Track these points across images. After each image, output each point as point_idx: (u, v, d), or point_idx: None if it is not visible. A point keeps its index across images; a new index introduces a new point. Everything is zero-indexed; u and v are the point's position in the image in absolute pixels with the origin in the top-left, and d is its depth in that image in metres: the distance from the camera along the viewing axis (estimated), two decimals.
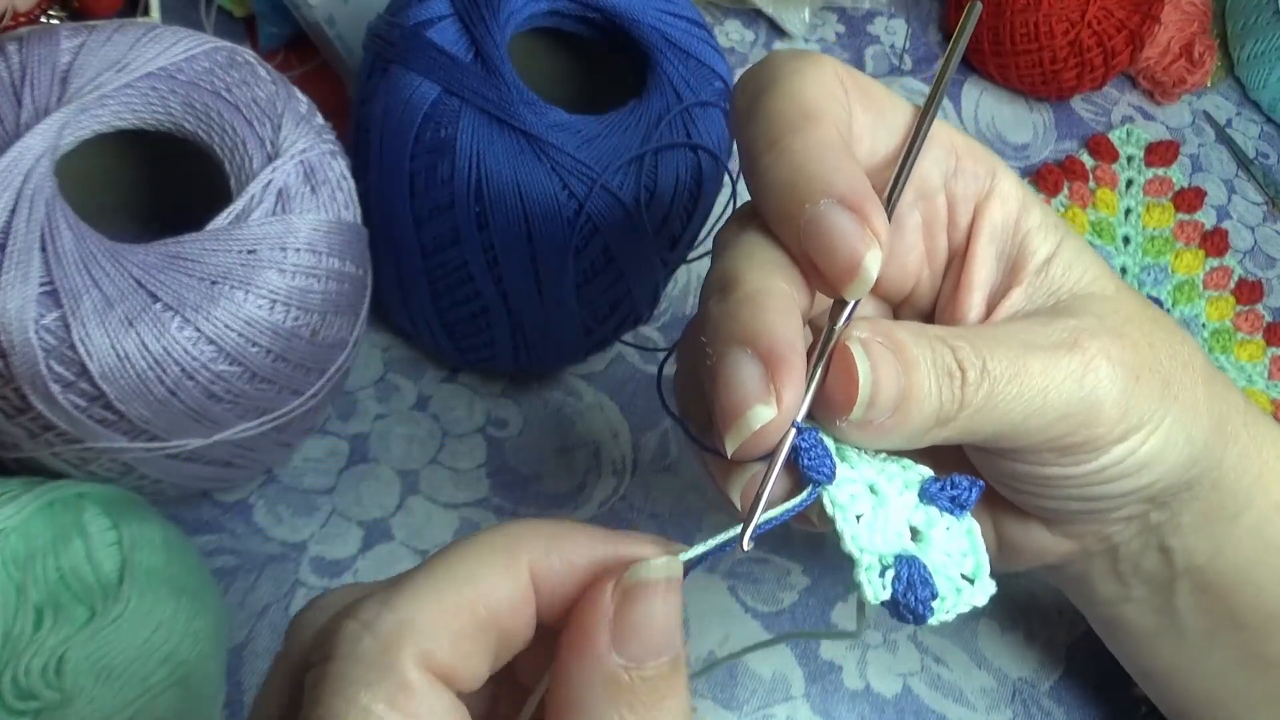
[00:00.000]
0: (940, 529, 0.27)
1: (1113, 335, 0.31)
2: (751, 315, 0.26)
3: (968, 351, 0.29)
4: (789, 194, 0.27)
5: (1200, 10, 0.73)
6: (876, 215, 0.27)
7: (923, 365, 0.28)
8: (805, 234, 0.27)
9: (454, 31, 0.43)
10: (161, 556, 0.38)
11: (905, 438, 0.28)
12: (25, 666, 0.34)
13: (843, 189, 0.26)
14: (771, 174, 0.27)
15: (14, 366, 0.35)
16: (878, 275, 0.27)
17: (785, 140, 0.27)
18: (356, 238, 0.42)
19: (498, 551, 0.23)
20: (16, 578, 0.36)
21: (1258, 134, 0.74)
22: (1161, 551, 0.37)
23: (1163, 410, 0.32)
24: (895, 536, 0.27)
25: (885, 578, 0.26)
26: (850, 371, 0.27)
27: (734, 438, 0.25)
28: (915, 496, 0.28)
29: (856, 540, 0.26)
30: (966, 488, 0.28)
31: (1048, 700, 0.50)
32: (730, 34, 0.68)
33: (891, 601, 0.26)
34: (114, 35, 0.40)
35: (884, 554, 0.26)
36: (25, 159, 0.36)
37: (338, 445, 0.50)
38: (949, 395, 0.28)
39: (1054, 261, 0.32)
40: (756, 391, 0.25)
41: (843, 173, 0.27)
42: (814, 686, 0.48)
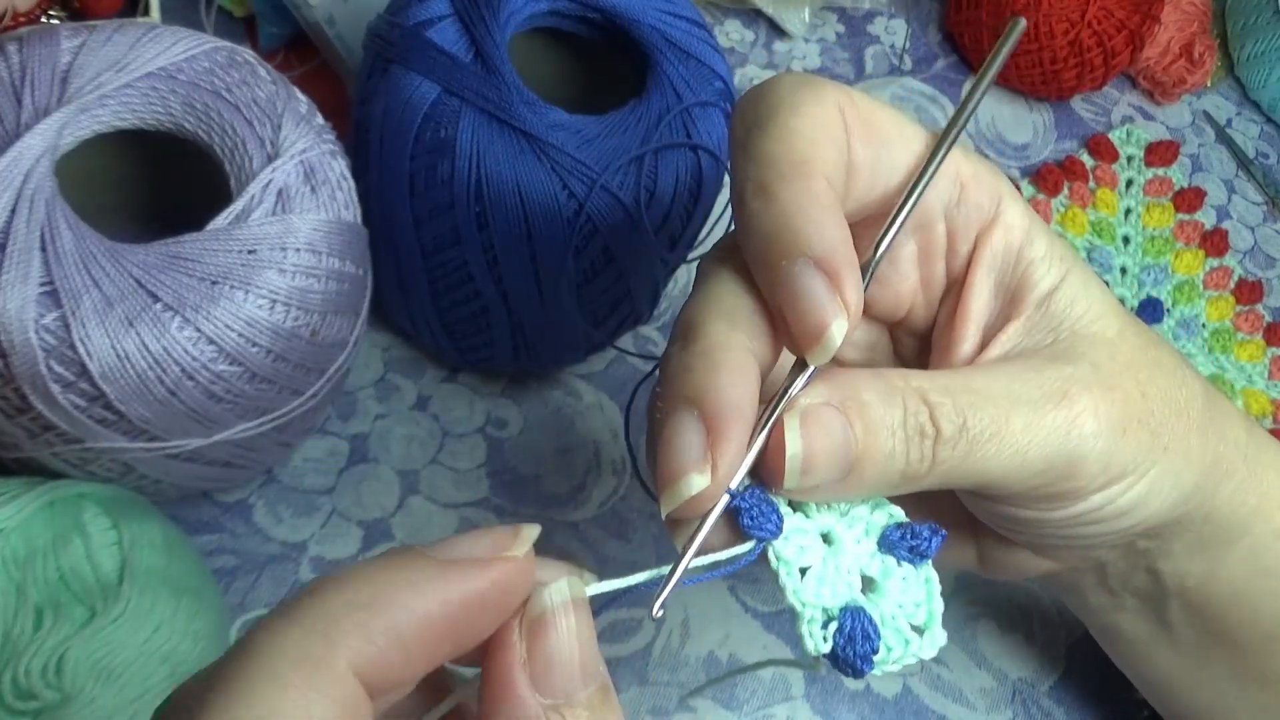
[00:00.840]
0: (896, 579, 0.27)
1: (1104, 388, 0.30)
2: (704, 373, 0.26)
3: (948, 409, 0.28)
4: (769, 246, 0.27)
5: (1200, 10, 0.73)
6: (850, 282, 0.26)
7: (884, 429, 0.27)
8: (779, 291, 0.27)
9: (454, 31, 0.43)
10: (161, 556, 0.38)
11: (866, 493, 0.28)
12: (25, 666, 0.34)
13: (820, 251, 0.26)
14: (756, 221, 0.27)
15: (14, 366, 0.35)
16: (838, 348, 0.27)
17: (774, 188, 0.27)
18: (356, 238, 0.42)
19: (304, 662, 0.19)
20: (16, 578, 0.36)
21: (1258, 134, 0.74)
22: (1150, 572, 0.37)
23: (1148, 461, 0.31)
24: (845, 587, 0.27)
25: (828, 630, 0.26)
26: (778, 446, 0.26)
27: (668, 502, 0.26)
28: (874, 544, 0.28)
29: (798, 595, 0.26)
30: (927, 538, 0.28)
31: (1048, 700, 0.50)
32: (730, 34, 0.68)
33: (831, 654, 0.26)
34: (114, 35, 0.40)
35: (829, 606, 0.26)
36: (25, 159, 0.36)
37: (338, 445, 0.50)
38: (917, 455, 0.28)
39: (1057, 295, 0.31)
40: (693, 459, 0.25)
41: (824, 233, 0.27)
42: (814, 687, 0.48)
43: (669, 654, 0.48)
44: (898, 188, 0.30)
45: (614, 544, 0.50)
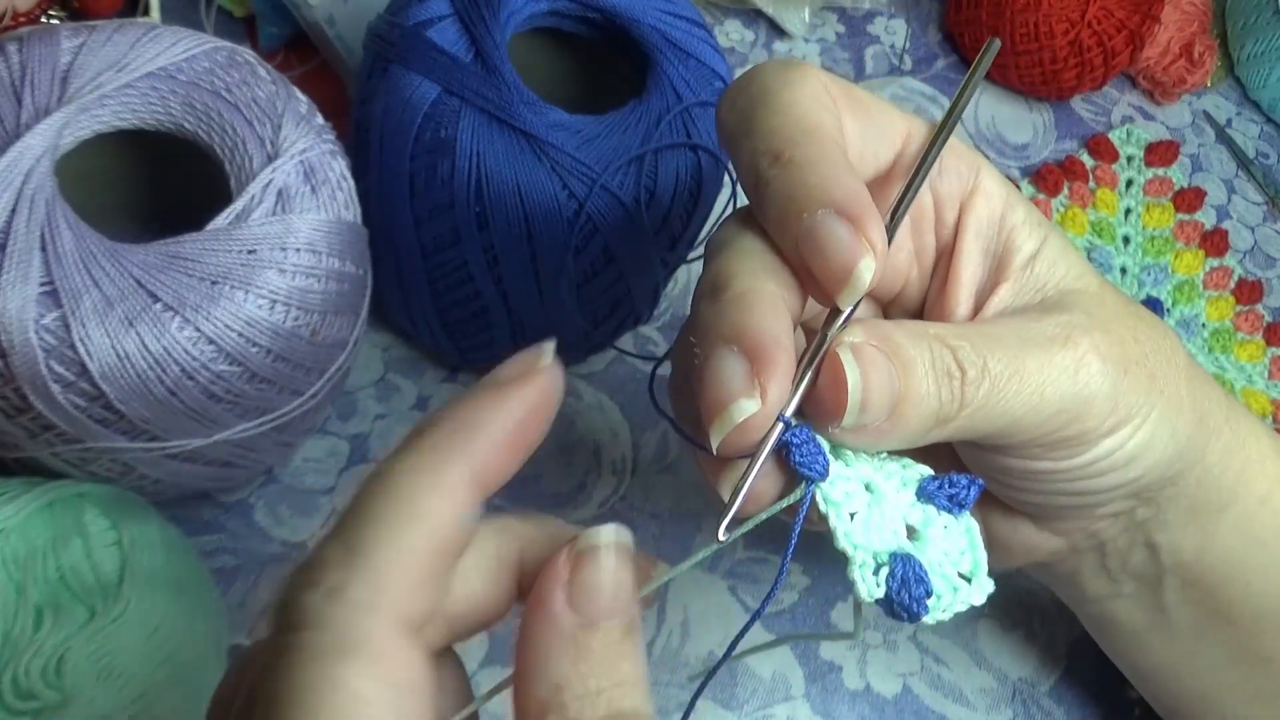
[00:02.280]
0: (938, 527, 0.27)
1: (1102, 330, 0.31)
2: (739, 314, 0.26)
3: (968, 351, 0.29)
4: (789, 204, 0.27)
5: (1200, 10, 0.73)
6: (873, 225, 0.27)
7: (920, 367, 0.28)
8: (802, 242, 0.27)
9: (454, 31, 0.43)
10: (161, 556, 0.38)
11: (903, 438, 0.28)
12: (25, 666, 0.34)
13: (841, 199, 0.27)
14: (774, 186, 0.28)
15: (14, 366, 0.35)
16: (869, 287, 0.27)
17: (788, 153, 0.28)
18: (356, 238, 0.42)
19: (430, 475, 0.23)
20: (16, 578, 0.36)
21: (1258, 134, 0.74)
22: (1148, 547, 0.37)
23: (1149, 404, 0.32)
24: (891, 534, 0.27)
25: (879, 575, 0.26)
26: (839, 378, 0.27)
27: (718, 431, 0.26)
28: (913, 495, 0.28)
29: (850, 537, 0.26)
30: (965, 486, 0.28)
31: (1048, 700, 0.50)
32: (730, 34, 0.68)
33: (885, 599, 0.26)
34: (114, 35, 0.40)
35: (878, 551, 0.26)
36: (25, 159, 0.36)
37: (338, 445, 0.50)
38: (948, 395, 0.28)
39: (1039, 258, 0.33)
40: (740, 386, 0.25)
41: (842, 184, 0.27)
42: (814, 686, 0.48)
43: (669, 654, 0.48)
44: (888, 162, 0.32)
45: None
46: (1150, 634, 0.40)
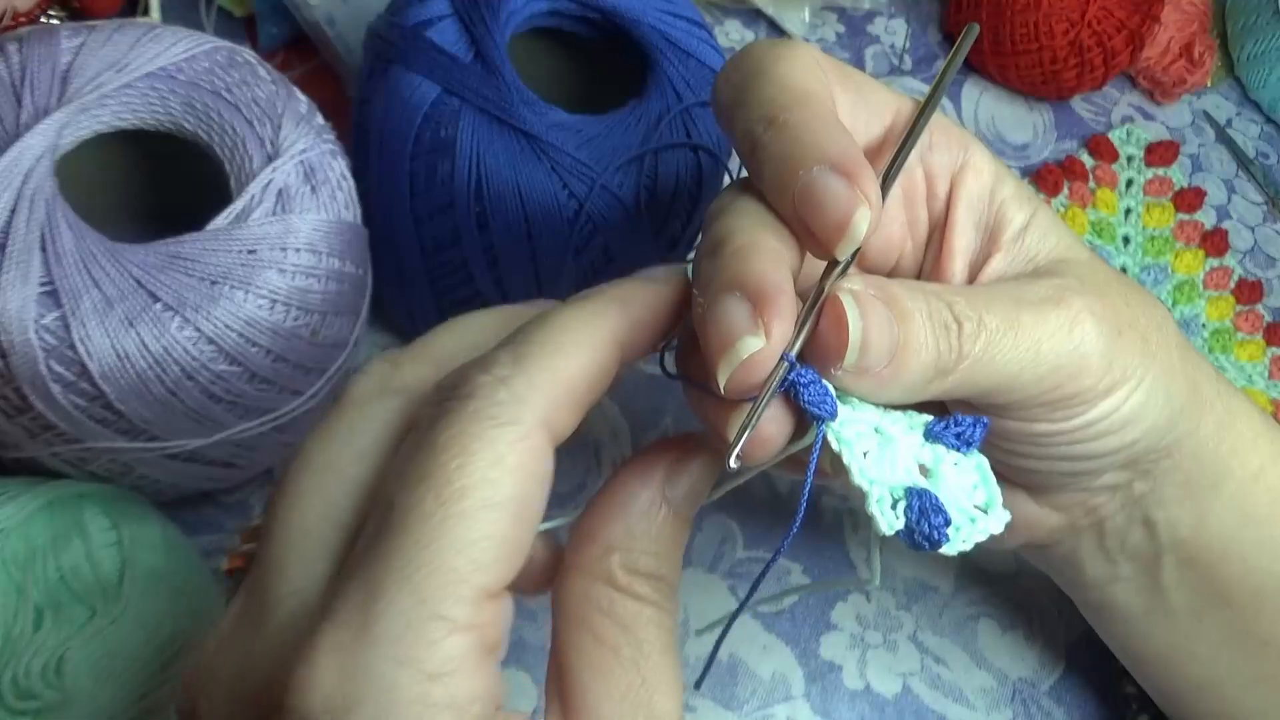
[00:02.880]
0: (949, 465, 0.28)
1: (1094, 294, 0.32)
2: (740, 263, 0.27)
3: (963, 305, 0.30)
4: (784, 163, 0.28)
5: (1200, 10, 0.73)
6: (867, 178, 0.28)
7: (918, 317, 0.29)
8: (799, 197, 0.28)
9: (454, 31, 0.43)
10: (161, 556, 0.38)
11: (904, 389, 0.29)
12: (25, 666, 0.34)
13: (835, 155, 0.28)
14: (770, 149, 0.29)
15: (14, 366, 0.35)
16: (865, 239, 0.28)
17: (782, 117, 0.29)
18: (356, 238, 0.42)
19: (593, 320, 0.26)
20: (16, 578, 0.36)
21: (1258, 134, 0.74)
22: (1146, 525, 0.38)
23: (1143, 367, 0.33)
24: (904, 472, 0.27)
25: (897, 509, 0.26)
26: (840, 318, 0.28)
27: (724, 368, 0.26)
28: (920, 437, 0.28)
29: (865, 472, 0.27)
30: (971, 424, 0.28)
31: (1048, 700, 0.50)
32: (730, 34, 0.68)
33: (905, 530, 0.26)
34: (114, 35, 0.40)
35: (894, 486, 0.27)
36: (25, 159, 0.36)
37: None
38: (946, 346, 0.29)
39: (1030, 229, 0.33)
40: (745, 325, 0.26)
41: (836, 141, 0.28)
42: (814, 686, 0.48)
43: None
44: (878, 136, 0.33)
45: None
46: (1149, 619, 0.40)
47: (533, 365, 0.25)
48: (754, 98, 0.30)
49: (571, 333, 0.26)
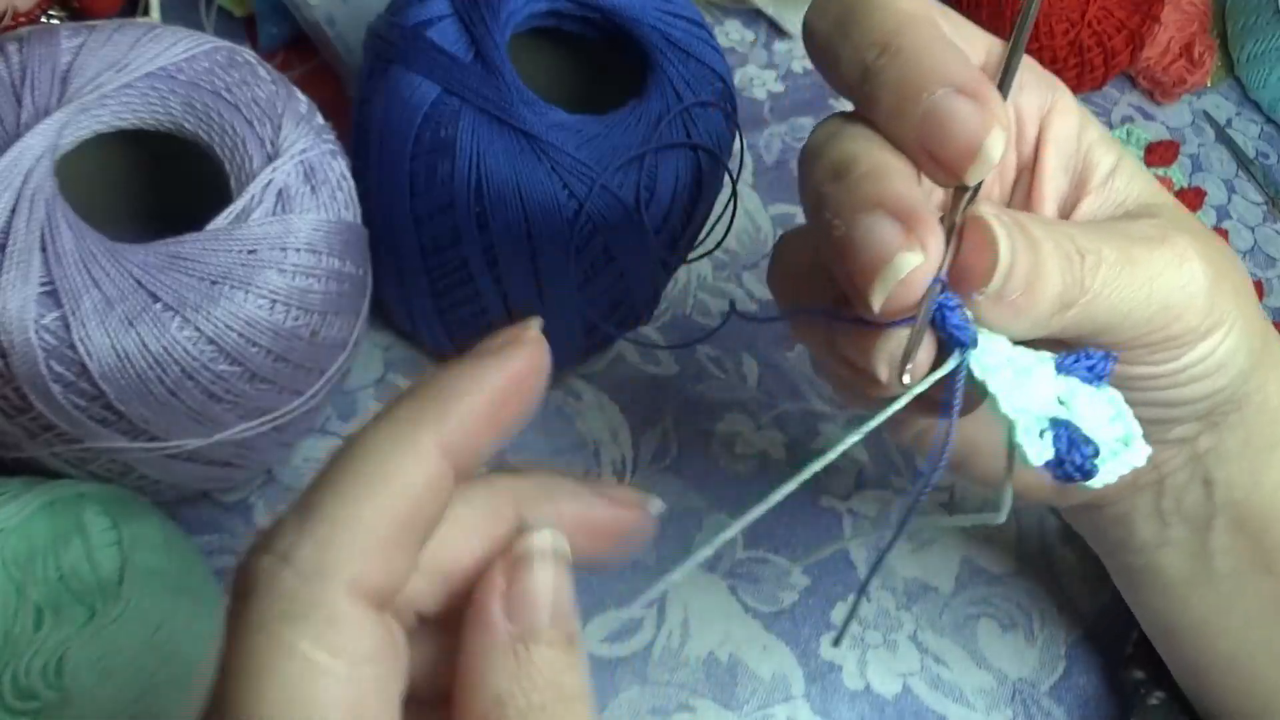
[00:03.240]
0: (1084, 397, 0.27)
1: (1191, 234, 0.32)
2: (878, 184, 0.26)
3: (1082, 239, 0.29)
4: (905, 88, 0.27)
5: (1200, 10, 0.73)
6: (995, 100, 0.27)
7: (1046, 245, 0.28)
8: (924, 122, 0.27)
9: (454, 31, 0.43)
10: (161, 556, 0.38)
11: (1032, 321, 0.28)
12: (25, 666, 0.34)
13: (960, 78, 0.27)
14: (886, 73, 0.28)
15: (14, 366, 0.35)
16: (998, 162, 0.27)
17: (897, 41, 0.28)
18: (356, 238, 0.42)
19: (398, 444, 0.22)
20: (16, 578, 0.36)
21: (1258, 134, 0.74)
22: (1205, 484, 0.38)
23: (1235, 312, 0.33)
24: (1044, 403, 0.26)
25: (1044, 439, 0.26)
26: (987, 241, 0.27)
27: (880, 289, 0.25)
28: (1052, 370, 0.27)
29: (1011, 401, 0.26)
30: (1101, 358, 0.28)
31: (1048, 700, 0.50)
32: (730, 34, 0.68)
33: (1055, 460, 0.26)
34: (114, 35, 0.40)
35: (1039, 416, 0.26)
36: (25, 159, 0.36)
37: (338, 445, 0.50)
38: (1071, 278, 0.29)
39: (1117, 173, 0.33)
40: (897, 241, 0.25)
41: (958, 65, 0.27)
42: (814, 686, 0.48)
43: (669, 654, 0.48)
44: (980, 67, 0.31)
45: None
46: (1189, 587, 0.40)
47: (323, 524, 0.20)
48: (861, 24, 0.29)
49: (373, 463, 0.21)
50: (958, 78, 0.27)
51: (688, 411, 0.54)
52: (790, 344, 0.57)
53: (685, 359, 0.56)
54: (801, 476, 0.25)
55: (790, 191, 0.63)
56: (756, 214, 0.61)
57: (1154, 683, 0.45)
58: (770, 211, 0.62)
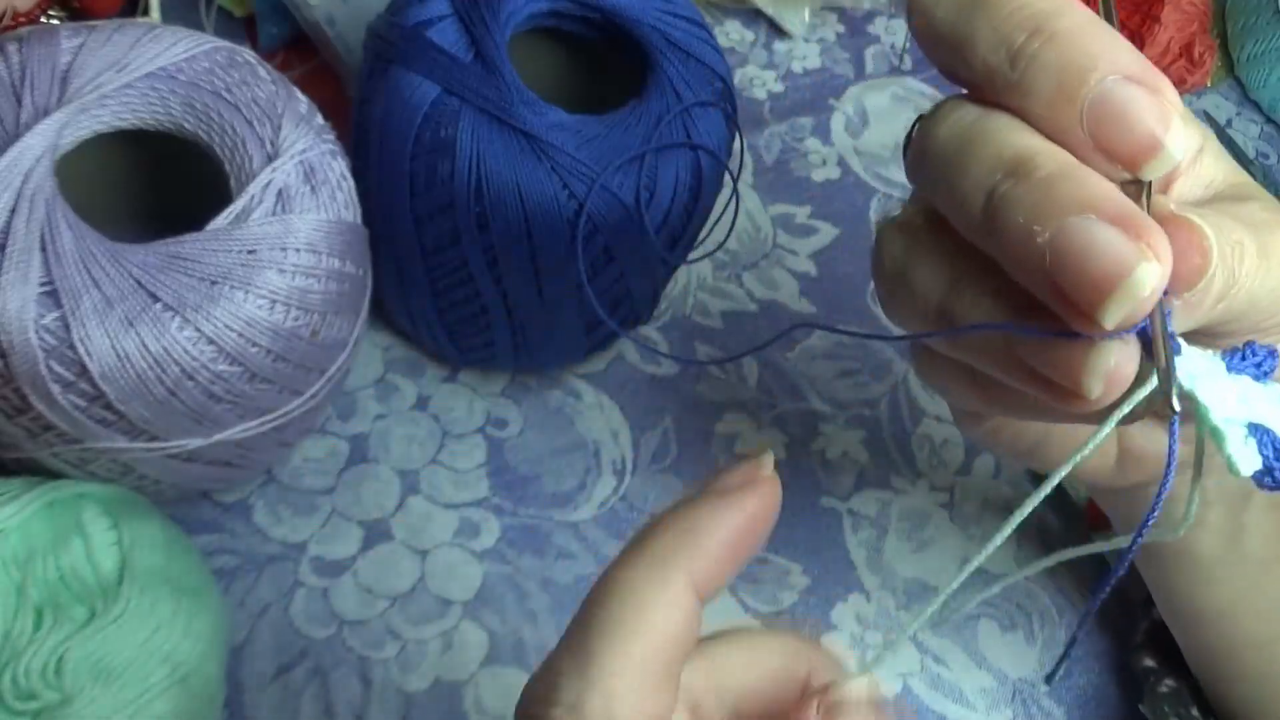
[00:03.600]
0: (1260, 399, 0.25)
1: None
2: (1078, 187, 0.24)
3: (1232, 229, 0.27)
4: (1068, 74, 0.25)
5: (1200, 10, 0.73)
6: (1170, 90, 0.25)
7: (1214, 241, 0.26)
8: (1094, 110, 0.25)
9: (454, 31, 0.43)
10: (161, 556, 0.38)
11: (1196, 318, 0.27)
12: (25, 666, 0.34)
13: (1130, 66, 0.25)
14: (1044, 57, 0.26)
15: (14, 366, 0.35)
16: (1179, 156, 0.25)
17: (1051, 24, 0.26)
18: (356, 238, 0.42)
19: (655, 584, 0.24)
20: (16, 578, 0.36)
21: (1258, 134, 0.74)
22: None
23: None
24: (1238, 407, 0.25)
25: (1249, 447, 0.24)
26: (1197, 241, 0.25)
27: (1119, 305, 0.23)
28: (1224, 369, 0.26)
29: (1221, 409, 0.24)
30: (1267, 354, 0.26)
31: (1048, 700, 0.50)
32: (730, 34, 0.68)
33: (1264, 470, 0.24)
34: (114, 35, 0.40)
35: (1239, 422, 0.24)
36: (25, 159, 0.36)
37: (338, 445, 0.50)
38: (1228, 272, 0.27)
39: (1204, 154, 0.31)
40: (1132, 252, 0.23)
41: (1125, 50, 0.25)
42: None
43: None
44: None
45: (614, 544, 0.50)
46: (1220, 568, 0.39)
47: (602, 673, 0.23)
48: (1002, 6, 0.26)
49: (636, 608, 0.24)
50: (1126, 64, 0.25)
51: (688, 411, 0.54)
52: (790, 344, 0.57)
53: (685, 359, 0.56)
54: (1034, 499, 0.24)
55: (790, 191, 0.63)
56: (756, 214, 0.61)
57: (1164, 670, 0.45)
58: (770, 211, 0.62)
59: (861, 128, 0.66)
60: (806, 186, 0.63)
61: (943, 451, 0.55)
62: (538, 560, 0.49)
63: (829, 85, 0.68)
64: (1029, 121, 0.26)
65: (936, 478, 0.55)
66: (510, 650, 0.46)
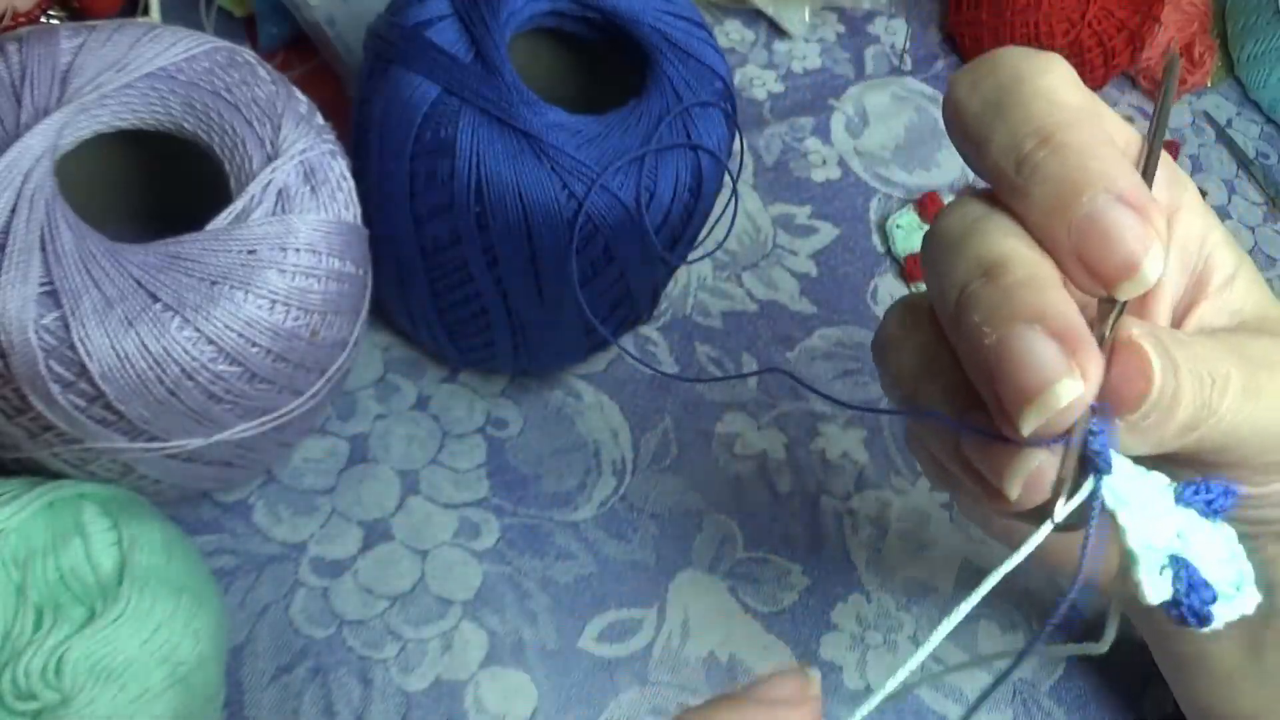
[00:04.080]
0: (1200, 534, 0.26)
1: None
2: (1035, 296, 0.25)
3: (1213, 360, 0.28)
4: (1065, 187, 0.26)
5: (1200, 10, 0.73)
6: (1157, 215, 0.26)
7: (1184, 369, 0.27)
8: (1081, 226, 0.26)
9: (454, 31, 0.43)
10: (161, 556, 0.38)
11: (1156, 442, 0.28)
12: (25, 666, 0.34)
13: (1124, 187, 0.26)
14: (1045, 169, 0.27)
15: (14, 366, 0.35)
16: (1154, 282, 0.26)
17: (1060, 135, 0.27)
18: (356, 238, 0.42)
19: None
20: (16, 578, 0.36)
21: (1258, 134, 0.74)
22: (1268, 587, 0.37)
23: None
24: (1164, 536, 0.25)
25: (1164, 577, 0.25)
26: (1142, 368, 0.26)
27: (1036, 414, 0.25)
28: (1171, 499, 0.26)
29: (1139, 536, 0.25)
30: (1221, 492, 0.26)
31: (1048, 700, 0.50)
32: (730, 34, 0.68)
33: (1173, 602, 0.25)
34: (114, 35, 0.40)
35: (1161, 551, 0.25)
36: (25, 159, 0.36)
37: (338, 445, 0.50)
38: (1201, 402, 0.27)
39: (1236, 279, 0.32)
40: (1059, 366, 0.24)
41: (1124, 171, 0.26)
42: None
43: (669, 654, 0.48)
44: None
45: (614, 544, 0.50)
46: (1239, 680, 0.39)
47: None
48: (1021, 110, 0.27)
49: None
50: (1122, 185, 0.26)
51: (688, 411, 0.54)
52: (790, 344, 0.57)
53: (685, 360, 0.56)
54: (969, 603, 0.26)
55: (790, 191, 0.63)
56: (756, 214, 0.61)
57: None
58: (770, 212, 0.62)
59: (861, 128, 0.66)
60: (806, 186, 0.63)
61: None
62: (538, 560, 0.49)
63: (829, 85, 0.68)
64: (1026, 226, 0.27)
65: None
66: (510, 650, 0.46)
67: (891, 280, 0.61)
